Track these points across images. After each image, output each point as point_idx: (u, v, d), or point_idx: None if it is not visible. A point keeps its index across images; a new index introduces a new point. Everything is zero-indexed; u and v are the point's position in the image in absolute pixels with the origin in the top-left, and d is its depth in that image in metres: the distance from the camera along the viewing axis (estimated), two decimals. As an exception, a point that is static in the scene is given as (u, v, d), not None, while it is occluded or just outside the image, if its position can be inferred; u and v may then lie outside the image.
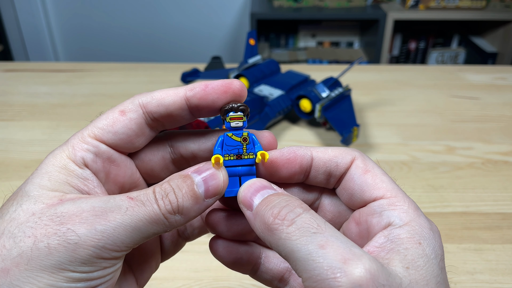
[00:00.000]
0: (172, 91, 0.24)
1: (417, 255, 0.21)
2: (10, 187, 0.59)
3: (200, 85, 0.24)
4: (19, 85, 0.89)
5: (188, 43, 2.28)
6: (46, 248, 0.20)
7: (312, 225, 0.20)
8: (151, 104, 0.24)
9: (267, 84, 0.77)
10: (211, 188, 0.23)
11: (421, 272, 0.20)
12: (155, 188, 0.22)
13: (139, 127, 0.25)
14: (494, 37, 2.08)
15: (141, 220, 0.21)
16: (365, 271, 0.18)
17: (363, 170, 0.24)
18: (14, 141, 0.70)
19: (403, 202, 0.23)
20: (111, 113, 0.25)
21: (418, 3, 1.97)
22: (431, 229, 0.22)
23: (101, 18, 2.23)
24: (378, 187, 0.24)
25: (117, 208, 0.21)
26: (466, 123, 0.76)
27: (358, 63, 0.79)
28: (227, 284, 0.46)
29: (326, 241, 0.19)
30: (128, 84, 0.90)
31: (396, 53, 2.22)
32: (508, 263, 0.48)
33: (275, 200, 0.22)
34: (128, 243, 0.21)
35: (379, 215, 0.23)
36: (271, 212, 0.21)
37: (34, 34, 2.23)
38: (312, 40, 2.26)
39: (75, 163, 0.23)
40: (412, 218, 0.22)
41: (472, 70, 0.96)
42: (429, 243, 0.21)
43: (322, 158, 0.25)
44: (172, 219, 0.22)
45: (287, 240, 0.20)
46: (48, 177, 0.23)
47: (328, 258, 0.19)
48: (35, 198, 0.22)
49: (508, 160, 0.65)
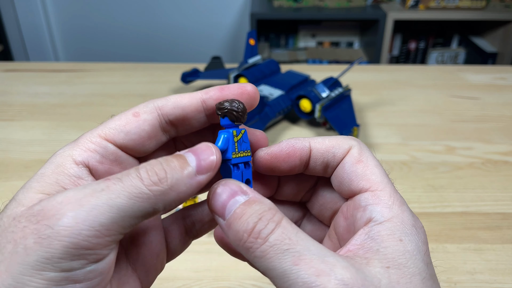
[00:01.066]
0: (187, 95, 0.24)
1: (398, 252, 0.20)
2: (10, 187, 0.60)
3: (215, 88, 0.24)
4: (19, 85, 0.89)
5: (188, 43, 2.28)
6: (23, 249, 0.19)
7: (284, 241, 0.20)
8: (167, 106, 0.24)
9: (267, 84, 0.77)
10: (203, 163, 0.21)
11: (403, 270, 0.20)
12: (139, 165, 0.21)
13: (153, 129, 0.24)
14: (494, 37, 2.08)
15: (118, 196, 0.19)
16: (338, 281, 0.19)
17: (356, 159, 0.24)
18: (14, 141, 0.70)
19: (388, 196, 0.22)
20: (124, 114, 0.24)
21: (418, 3, 1.97)
22: (413, 225, 0.22)
23: (101, 18, 2.23)
24: (366, 179, 0.23)
25: (92, 191, 0.19)
26: (466, 123, 0.76)
27: (358, 63, 0.79)
28: (227, 284, 0.46)
29: (299, 256, 0.19)
30: (128, 84, 0.90)
31: (396, 53, 2.22)
32: (508, 263, 0.48)
33: (248, 212, 0.21)
34: (109, 225, 0.19)
35: (363, 209, 0.22)
36: (244, 228, 0.20)
37: (34, 34, 2.23)
38: (312, 40, 2.26)
39: (74, 161, 0.22)
40: (395, 214, 0.22)
41: (472, 70, 0.96)
42: (411, 239, 0.21)
43: (319, 149, 0.25)
44: (157, 190, 0.20)
45: (262, 259, 0.20)
46: (39, 178, 0.22)
47: (301, 273, 0.19)
48: (17, 202, 0.21)
49: (508, 160, 0.65)
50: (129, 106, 0.25)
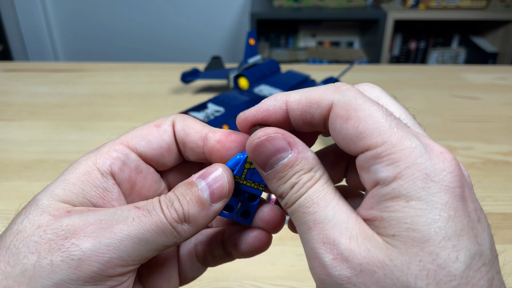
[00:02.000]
0: (199, 125, 0.24)
1: (402, 217, 0.17)
2: (10, 187, 0.60)
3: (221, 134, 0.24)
4: (19, 85, 0.89)
5: (188, 43, 2.28)
6: (49, 265, 0.19)
7: (307, 205, 0.20)
8: (178, 125, 0.25)
9: (267, 84, 0.77)
10: (216, 191, 0.22)
11: (411, 235, 0.17)
12: (160, 197, 0.21)
13: (172, 142, 0.25)
14: (495, 37, 2.08)
15: (148, 230, 0.20)
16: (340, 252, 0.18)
17: (343, 118, 0.19)
18: (14, 141, 0.70)
19: (392, 149, 0.18)
20: (146, 126, 0.25)
21: (418, 3, 1.97)
22: (428, 174, 0.18)
23: (101, 18, 2.23)
24: (362, 136, 0.19)
25: (124, 219, 0.20)
26: (466, 123, 0.76)
27: (358, 63, 0.79)
28: (227, 284, 0.46)
29: (314, 221, 0.20)
30: (128, 84, 0.90)
31: (396, 53, 2.22)
32: (508, 263, 0.48)
33: (288, 173, 0.21)
34: (135, 256, 0.20)
35: (367, 171, 0.19)
36: (282, 189, 0.21)
37: (34, 34, 2.23)
38: (312, 40, 2.26)
39: (99, 171, 0.23)
40: (401, 170, 0.18)
41: (472, 70, 0.96)
42: (420, 196, 0.17)
43: (296, 109, 0.21)
44: (180, 228, 0.21)
45: (291, 216, 0.21)
46: (64, 186, 0.22)
47: (311, 238, 0.19)
48: (42, 209, 0.21)
49: (508, 160, 0.65)
50: (129, 106, 0.25)
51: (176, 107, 0.79)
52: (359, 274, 0.18)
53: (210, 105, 0.68)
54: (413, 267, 0.17)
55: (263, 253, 0.26)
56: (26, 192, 0.58)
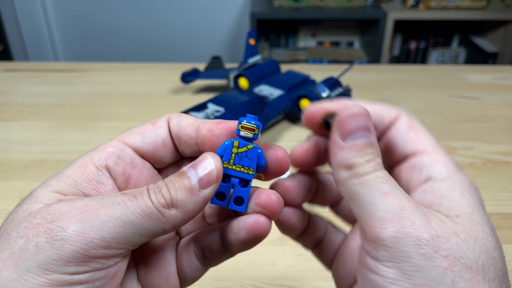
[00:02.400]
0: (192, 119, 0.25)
1: (462, 203, 0.21)
2: (10, 187, 0.60)
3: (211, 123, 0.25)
4: (19, 85, 0.89)
5: (188, 43, 2.28)
6: (34, 247, 0.19)
7: (384, 177, 0.21)
8: (173, 121, 0.25)
9: (267, 84, 0.77)
10: (204, 177, 0.22)
11: (473, 219, 0.20)
12: (149, 185, 0.22)
13: (167, 138, 0.25)
14: (495, 37, 2.08)
15: (132, 213, 0.20)
16: (419, 218, 0.20)
17: (408, 126, 0.24)
18: (14, 141, 0.70)
19: (444, 157, 0.23)
20: (142, 124, 0.26)
21: (419, 3, 1.97)
22: (471, 183, 0.22)
23: (101, 18, 2.23)
24: (420, 143, 0.24)
25: (109, 203, 0.20)
26: (466, 123, 0.76)
27: (358, 63, 0.79)
28: (227, 284, 0.46)
29: (391, 190, 0.21)
30: (128, 84, 0.90)
31: (396, 53, 2.22)
32: (508, 263, 0.48)
33: (367, 151, 0.22)
34: (119, 239, 0.20)
35: (419, 170, 0.23)
36: (359, 160, 0.22)
37: (33, 34, 2.23)
38: (312, 40, 2.26)
39: (94, 165, 0.23)
40: (452, 172, 0.22)
41: (472, 70, 0.96)
42: (472, 194, 0.22)
43: (369, 110, 0.24)
44: (167, 213, 0.21)
45: (359, 184, 0.21)
46: (58, 178, 0.23)
47: (389, 203, 0.20)
48: (35, 198, 0.22)
49: (508, 160, 0.65)
50: (129, 106, 0.26)
51: (176, 107, 0.79)
52: (435, 238, 0.19)
53: (210, 105, 0.68)
54: (478, 243, 0.20)
55: (263, 253, 0.26)
56: (26, 192, 0.58)
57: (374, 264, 0.20)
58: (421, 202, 0.22)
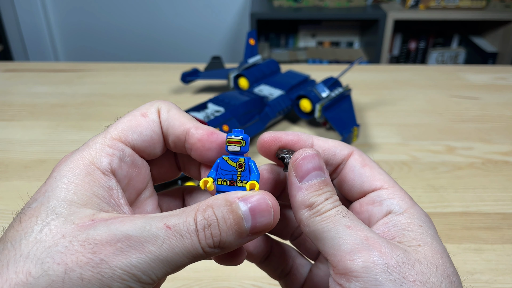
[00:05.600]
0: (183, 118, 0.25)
1: (422, 234, 0.22)
2: (10, 187, 0.60)
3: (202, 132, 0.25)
4: (19, 85, 0.89)
5: (188, 43, 2.28)
6: (79, 279, 0.18)
7: (343, 212, 0.22)
8: (163, 115, 0.25)
9: (267, 84, 0.77)
10: (259, 225, 0.22)
11: (433, 247, 0.22)
12: (196, 216, 0.21)
13: (160, 130, 0.25)
14: (494, 37, 2.08)
15: (177, 254, 0.20)
16: (385, 246, 0.21)
17: (362, 163, 0.26)
18: (14, 141, 0.70)
19: (400, 192, 0.25)
20: (132, 115, 0.25)
21: (418, 3, 1.97)
22: (426, 215, 0.24)
23: (101, 18, 2.23)
24: (376, 179, 0.25)
25: (154, 238, 0.20)
26: (466, 123, 0.76)
27: (358, 63, 0.79)
28: (227, 284, 0.46)
29: (352, 223, 0.22)
30: (128, 84, 0.90)
31: (396, 53, 2.22)
32: (508, 263, 0.48)
33: (324, 189, 0.23)
34: (160, 275, 0.20)
35: (379, 204, 0.24)
36: (316, 199, 0.22)
37: (34, 34, 2.23)
38: (312, 40, 2.26)
39: (100, 170, 0.22)
40: (409, 206, 0.24)
41: (472, 70, 0.96)
42: (429, 225, 0.23)
43: (321, 146, 0.26)
44: (211, 251, 0.21)
45: (321, 222, 0.22)
46: (74, 189, 0.21)
47: (353, 235, 0.21)
48: (64, 217, 0.20)
49: (508, 160, 0.65)
50: (129, 106, 0.25)
51: (176, 107, 0.79)
52: (401, 265, 0.20)
53: (210, 105, 0.68)
54: (439, 269, 0.21)
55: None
56: (26, 192, 0.58)
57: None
58: (385, 235, 0.23)
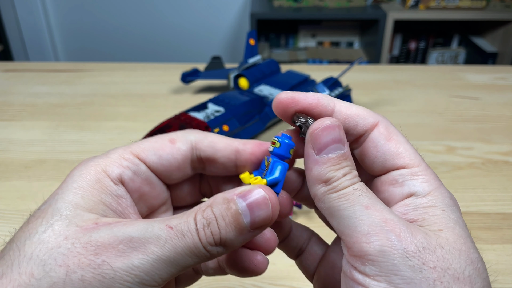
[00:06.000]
0: (225, 139, 0.25)
1: (444, 219, 0.21)
2: (10, 187, 0.60)
3: (253, 142, 0.25)
4: (19, 85, 0.89)
5: (188, 43, 2.28)
6: (80, 280, 0.18)
7: (362, 190, 0.21)
8: (203, 143, 0.24)
9: (267, 84, 0.77)
10: (258, 220, 0.21)
11: (455, 232, 0.21)
12: (196, 215, 0.21)
13: (184, 160, 0.24)
14: (494, 37, 2.08)
15: (180, 253, 0.20)
16: (404, 230, 0.20)
17: (386, 137, 0.23)
18: (14, 141, 0.70)
19: (425, 172, 0.23)
20: (160, 138, 0.24)
21: (418, 3, 1.97)
22: (451, 198, 0.22)
23: (101, 18, 2.23)
24: (401, 156, 0.23)
25: (156, 239, 0.20)
26: (466, 123, 0.76)
27: (358, 63, 0.79)
28: (227, 284, 0.46)
29: (371, 203, 0.21)
30: (128, 84, 0.90)
31: (396, 53, 2.22)
32: (508, 263, 0.48)
33: (342, 164, 0.22)
34: (165, 276, 0.20)
35: (401, 184, 0.23)
36: (334, 174, 0.21)
37: (34, 34, 2.23)
38: (312, 40, 2.26)
39: (110, 178, 0.22)
40: (434, 188, 0.22)
41: (472, 70, 0.96)
42: (453, 210, 0.22)
43: (344, 113, 0.23)
44: (214, 250, 0.21)
45: (337, 199, 0.21)
46: (82, 194, 0.21)
47: (372, 217, 0.20)
48: (68, 219, 0.20)
49: (508, 160, 0.65)
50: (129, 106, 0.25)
51: (176, 107, 0.79)
52: (421, 250, 0.19)
53: (210, 105, 0.68)
54: (462, 255, 0.20)
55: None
56: (26, 192, 0.58)
57: (363, 279, 0.20)
58: (403, 217, 0.22)
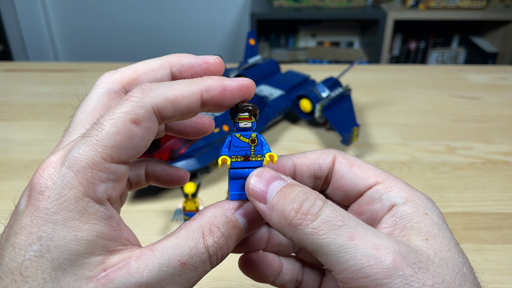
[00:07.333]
0: (187, 91, 0.22)
1: (429, 224, 0.21)
2: (10, 187, 0.60)
3: (217, 87, 0.23)
4: (19, 85, 0.89)
5: (188, 43, 2.28)
6: None
7: (336, 218, 0.20)
8: (167, 110, 0.21)
9: (267, 84, 0.77)
10: (251, 231, 0.24)
11: (439, 239, 0.21)
12: (206, 242, 0.22)
13: (154, 135, 0.22)
14: (494, 37, 2.08)
15: (192, 283, 0.22)
16: (397, 254, 0.19)
17: (348, 164, 0.25)
18: (14, 141, 0.70)
19: (395, 182, 0.24)
20: (121, 123, 0.20)
21: (418, 3, 1.97)
22: (427, 198, 0.23)
23: (101, 18, 2.23)
24: (369, 175, 0.24)
25: (171, 278, 0.21)
26: (466, 123, 0.76)
27: (358, 63, 0.79)
28: (227, 284, 0.46)
29: (354, 232, 0.20)
30: (128, 84, 0.90)
31: (396, 53, 2.22)
32: (508, 263, 0.48)
33: (291, 193, 0.21)
34: None
35: (379, 200, 0.23)
36: (291, 206, 0.20)
37: (34, 34, 2.23)
38: (312, 40, 2.26)
39: (95, 201, 0.20)
40: (409, 194, 0.23)
41: (472, 70, 0.96)
42: (433, 211, 0.22)
43: (304, 162, 0.25)
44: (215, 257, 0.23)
45: (314, 236, 0.20)
46: (75, 237, 0.19)
47: (360, 248, 0.19)
48: (75, 274, 0.19)
49: (508, 160, 0.65)
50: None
51: (176, 107, 0.79)
52: (417, 271, 0.19)
53: (210, 105, 0.68)
54: (449, 264, 0.20)
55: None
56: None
57: None
58: (395, 227, 0.22)
